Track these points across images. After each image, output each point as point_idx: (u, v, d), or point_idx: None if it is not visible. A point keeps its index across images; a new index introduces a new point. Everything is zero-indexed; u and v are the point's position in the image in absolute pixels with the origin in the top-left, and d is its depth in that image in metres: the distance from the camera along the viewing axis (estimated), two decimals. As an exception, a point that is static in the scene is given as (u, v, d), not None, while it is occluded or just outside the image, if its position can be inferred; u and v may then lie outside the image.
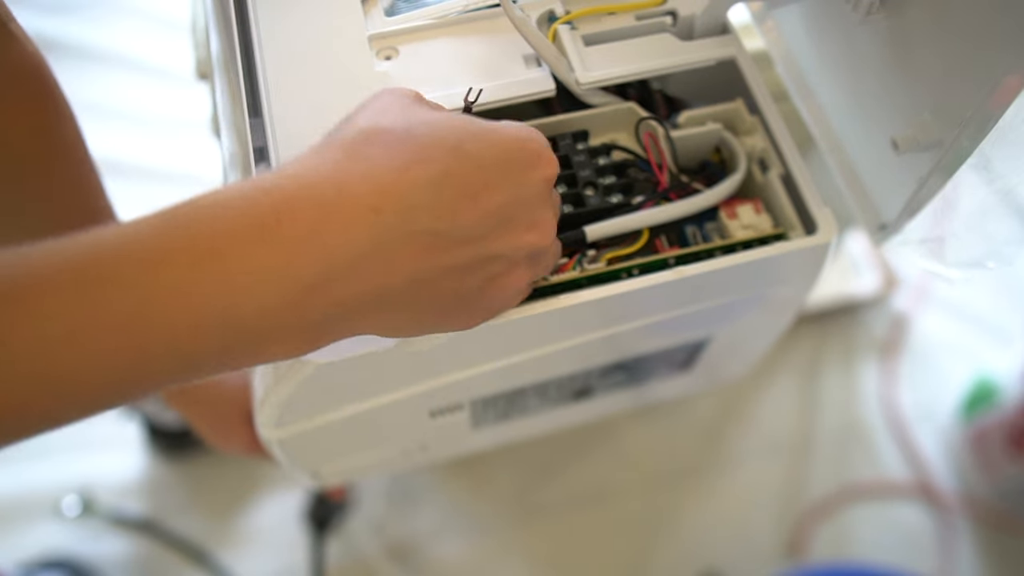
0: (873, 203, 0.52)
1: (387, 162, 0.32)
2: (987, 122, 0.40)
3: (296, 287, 0.30)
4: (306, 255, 0.30)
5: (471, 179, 0.33)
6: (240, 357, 0.31)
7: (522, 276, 0.37)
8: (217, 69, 0.55)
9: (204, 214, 0.29)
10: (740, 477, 1.02)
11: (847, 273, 1.10)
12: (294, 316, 0.31)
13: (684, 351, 0.59)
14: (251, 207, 0.30)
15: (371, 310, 0.33)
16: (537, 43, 0.46)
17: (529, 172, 0.36)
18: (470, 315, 0.37)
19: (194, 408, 0.66)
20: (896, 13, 0.45)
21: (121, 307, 0.27)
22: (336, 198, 0.31)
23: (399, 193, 0.32)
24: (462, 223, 0.33)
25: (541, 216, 0.36)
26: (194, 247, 0.28)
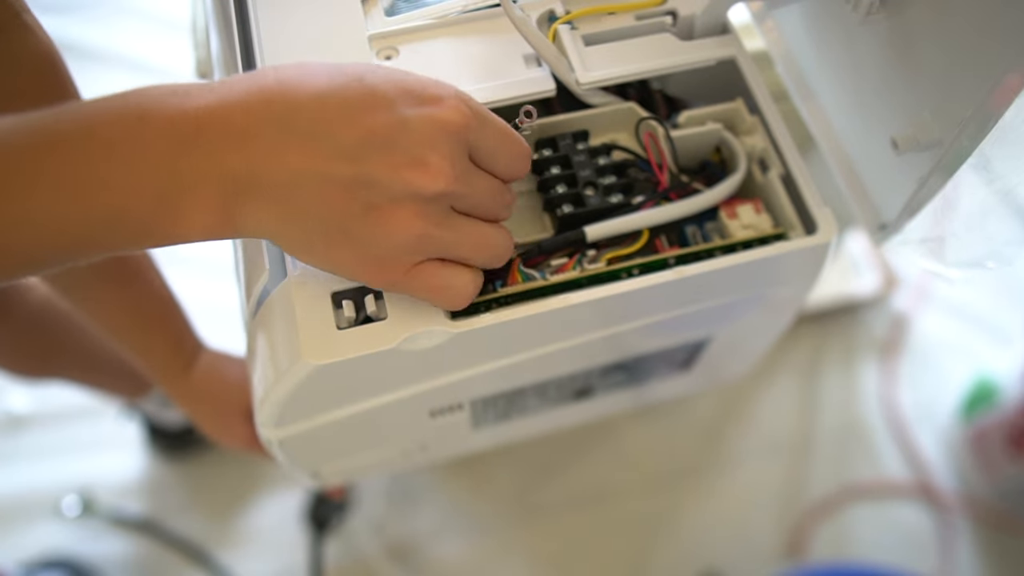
0: (873, 203, 0.52)
1: (297, 73, 0.36)
2: (987, 122, 0.40)
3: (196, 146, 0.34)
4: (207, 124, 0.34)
5: (359, 100, 0.36)
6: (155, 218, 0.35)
7: (409, 219, 0.37)
8: (217, 69, 0.55)
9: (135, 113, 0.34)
10: (740, 477, 1.02)
11: (847, 273, 1.10)
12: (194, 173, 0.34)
13: (684, 351, 0.59)
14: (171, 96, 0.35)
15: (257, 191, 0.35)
16: (537, 43, 0.46)
17: (421, 107, 0.36)
18: (354, 247, 0.37)
19: (195, 403, 0.67)
20: (896, 13, 0.45)
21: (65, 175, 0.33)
22: (244, 88, 0.35)
23: (292, 93, 0.35)
24: (339, 136, 0.35)
25: (430, 157, 0.36)
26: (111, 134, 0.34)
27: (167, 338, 0.64)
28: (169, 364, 0.65)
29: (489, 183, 0.40)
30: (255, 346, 0.46)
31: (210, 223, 0.36)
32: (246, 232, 0.37)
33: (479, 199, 0.39)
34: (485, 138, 0.38)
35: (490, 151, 0.39)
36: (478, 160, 0.39)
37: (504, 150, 0.40)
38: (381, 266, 0.38)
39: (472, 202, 0.39)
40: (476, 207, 0.40)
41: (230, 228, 0.36)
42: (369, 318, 0.42)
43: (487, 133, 0.39)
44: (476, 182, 0.39)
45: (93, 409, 1.01)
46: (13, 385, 1.02)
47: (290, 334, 0.42)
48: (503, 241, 0.41)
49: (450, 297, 0.40)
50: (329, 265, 0.38)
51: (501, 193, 0.40)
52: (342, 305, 0.42)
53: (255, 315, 0.45)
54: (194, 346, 0.66)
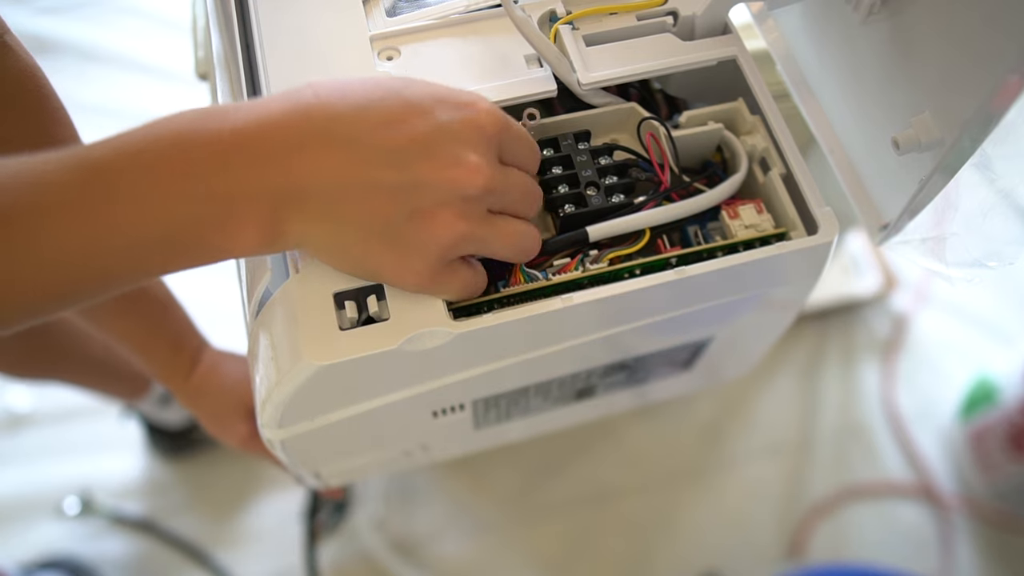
0: (874, 203, 0.52)
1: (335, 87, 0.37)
2: (989, 122, 0.40)
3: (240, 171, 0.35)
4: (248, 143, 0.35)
5: (398, 110, 0.37)
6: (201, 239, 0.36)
7: (453, 220, 0.38)
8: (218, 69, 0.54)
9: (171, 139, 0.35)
10: (740, 477, 1.02)
11: (847, 273, 1.10)
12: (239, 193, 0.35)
13: (686, 350, 0.59)
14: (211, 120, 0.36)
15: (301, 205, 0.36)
16: (539, 43, 0.46)
17: (456, 111, 0.38)
18: (399, 252, 0.38)
19: (196, 402, 0.67)
20: (897, 13, 0.45)
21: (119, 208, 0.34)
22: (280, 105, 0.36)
23: (331, 106, 0.36)
24: (381, 143, 0.36)
25: (470, 157, 0.38)
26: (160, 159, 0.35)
27: (168, 338, 0.65)
28: (171, 363, 0.65)
29: (522, 179, 0.42)
30: (257, 347, 0.45)
31: (257, 239, 0.36)
32: (289, 245, 0.38)
33: (513, 196, 0.41)
34: (510, 140, 0.41)
35: (513, 151, 0.41)
36: (504, 160, 0.41)
37: (523, 150, 0.42)
38: (420, 268, 0.39)
39: (507, 199, 0.41)
40: (510, 204, 0.41)
41: (276, 242, 0.37)
42: (371, 319, 0.42)
43: (511, 136, 0.41)
44: (510, 179, 0.41)
45: (93, 409, 1.01)
46: (13, 385, 1.02)
47: (292, 335, 0.42)
48: (532, 235, 0.43)
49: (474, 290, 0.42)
50: (366, 271, 0.40)
51: (532, 190, 0.42)
52: (344, 306, 0.42)
53: (257, 316, 0.45)
54: (196, 345, 0.66)
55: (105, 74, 1.24)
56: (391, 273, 0.39)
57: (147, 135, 0.35)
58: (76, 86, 1.21)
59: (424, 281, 0.40)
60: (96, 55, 1.25)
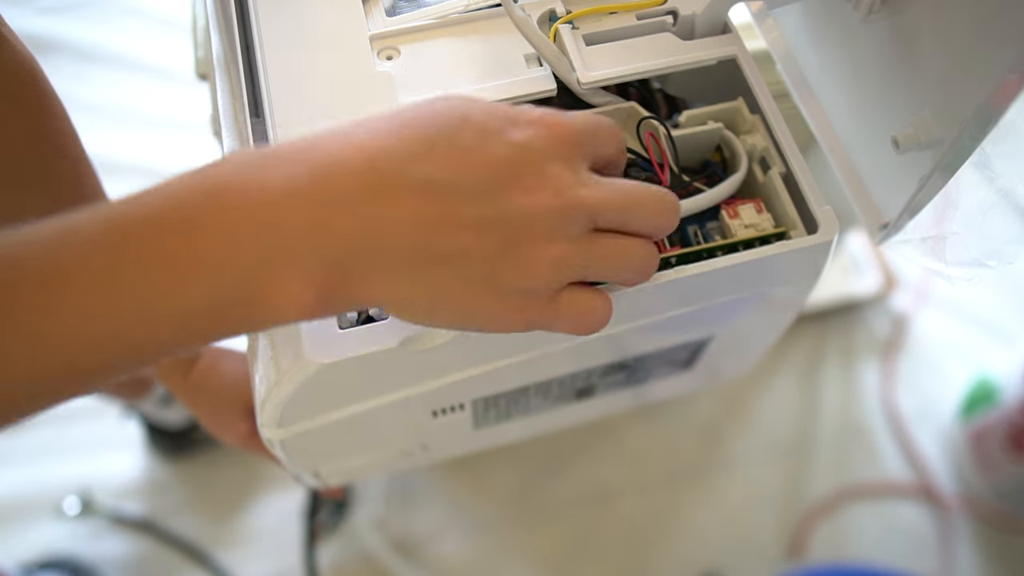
0: (874, 202, 0.52)
1: (391, 122, 0.33)
2: (988, 121, 0.40)
3: (295, 227, 0.31)
4: (299, 200, 0.31)
5: (467, 137, 0.33)
6: (250, 313, 0.32)
7: (548, 244, 0.34)
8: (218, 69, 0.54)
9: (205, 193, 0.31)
10: (740, 477, 1.02)
11: (847, 273, 1.10)
12: (289, 257, 0.31)
13: (686, 350, 0.59)
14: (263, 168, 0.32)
15: (374, 260, 0.32)
16: (538, 43, 0.46)
17: (530, 127, 0.35)
18: (496, 293, 0.34)
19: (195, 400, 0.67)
20: (897, 12, 0.45)
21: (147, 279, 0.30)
22: (336, 148, 0.32)
23: (392, 145, 0.32)
24: (460, 177, 0.32)
25: (555, 172, 0.34)
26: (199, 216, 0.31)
27: None
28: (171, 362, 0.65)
29: (622, 188, 0.36)
30: (256, 346, 0.45)
31: (312, 306, 0.32)
32: (355, 306, 0.34)
33: (615, 212, 0.36)
34: (595, 141, 0.36)
35: (602, 151, 0.37)
36: (598, 167, 0.37)
37: (609, 147, 0.38)
38: (525, 304, 0.35)
39: (610, 214, 0.36)
40: (618, 219, 0.36)
41: (338, 304, 0.33)
42: (371, 318, 0.42)
43: (596, 137, 0.37)
44: (606, 189, 0.36)
45: (93, 409, 1.01)
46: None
47: (292, 334, 0.42)
48: (647, 253, 0.38)
49: (595, 321, 0.37)
50: (465, 320, 0.35)
51: (634, 195, 0.37)
52: (344, 304, 0.42)
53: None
54: None
55: (105, 74, 1.24)
56: (496, 317, 0.35)
57: (182, 189, 0.31)
58: (76, 86, 1.21)
59: (533, 316, 0.36)
60: (96, 55, 1.25)
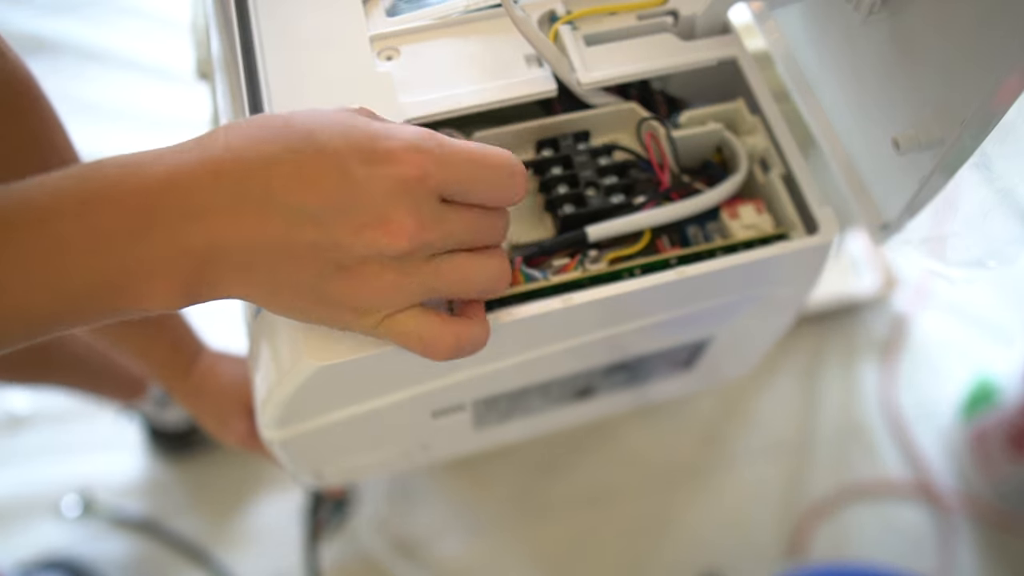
0: (874, 202, 0.52)
1: (247, 135, 0.35)
2: (989, 121, 0.40)
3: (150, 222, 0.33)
4: (161, 199, 0.33)
5: (310, 165, 0.34)
6: (116, 301, 0.34)
7: (378, 274, 0.36)
8: (218, 69, 0.55)
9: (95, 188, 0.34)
10: (740, 477, 1.02)
11: (847, 273, 1.10)
12: (153, 251, 0.34)
13: (686, 350, 0.59)
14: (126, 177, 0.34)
15: (223, 263, 0.35)
16: (538, 43, 0.46)
17: (374, 167, 0.35)
18: (327, 303, 0.37)
19: (195, 402, 0.67)
20: (897, 13, 0.45)
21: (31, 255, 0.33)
22: (191, 156, 0.34)
23: (241, 160, 0.34)
24: (294, 202, 0.34)
25: (392, 215, 0.35)
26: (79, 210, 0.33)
27: (167, 340, 0.65)
28: (169, 365, 0.65)
29: (466, 219, 0.37)
30: (257, 347, 0.45)
31: (174, 297, 0.35)
32: (214, 298, 0.36)
33: (460, 237, 0.37)
34: (454, 176, 0.36)
35: (464, 186, 0.37)
36: (454, 198, 0.37)
37: (482, 179, 0.37)
38: (357, 317, 0.37)
39: (453, 241, 0.37)
40: (460, 244, 0.38)
41: (195, 298, 0.36)
42: (371, 318, 0.42)
43: (454, 171, 0.36)
44: (449, 224, 0.37)
45: (93, 410, 1.01)
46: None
47: (293, 335, 0.42)
48: (493, 270, 0.39)
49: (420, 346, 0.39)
50: (306, 320, 0.38)
51: (483, 224, 0.38)
52: (344, 305, 0.42)
53: (257, 316, 0.45)
54: (194, 346, 0.67)
55: (105, 74, 1.24)
56: (332, 323, 0.38)
57: (57, 190, 0.33)
58: (76, 86, 1.21)
59: (367, 327, 0.38)
60: (96, 55, 1.25)
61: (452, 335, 0.39)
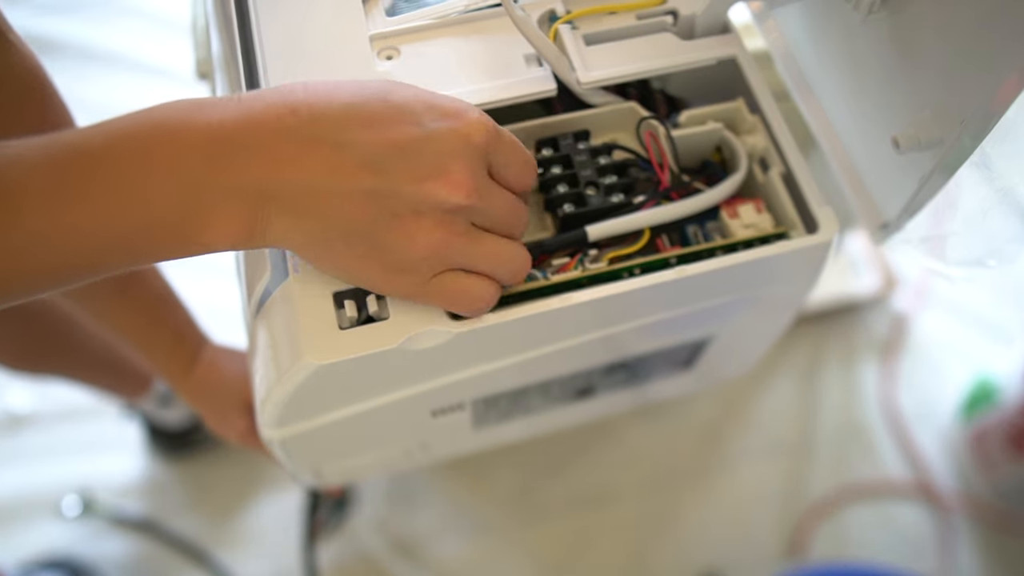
0: (874, 202, 0.52)
1: (325, 87, 0.37)
2: (988, 121, 0.40)
3: (218, 158, 0.35)
4: (231, 136, 0.35)
5: (385, 114, 0.37)
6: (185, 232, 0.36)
7: (431, 228, 0.37)
8: (218, 69, 0.55)
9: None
10: (740, 477, 1.02)
11: (847, 273, 1.10)
12: (218, 186, 0.35)
13: (686, 350, 0.59)
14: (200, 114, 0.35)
15: (281, 202, 0.36)
16: (538, 43, 0.46)
17: (445, 122, 0.37)
18: (378, 258, 0.38)
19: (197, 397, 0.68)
20: (897, 12, 0.45)
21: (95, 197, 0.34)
22: (269, 99, 0.36)
23: (317, 104, 0.36)
24: (364, 146, 0.36)
25: (453, 168, 0.37)
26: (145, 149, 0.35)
27: (169, 332, 0.65)
28: (172, 357, 0.65)
29: (507, 198, 0.41)
30: (257, 346, 0.45)
31: (236, 235, 0.36)
32: (269, 242, 0.37)
33: (498, 214, 0.40)
34: (500, 149, 0.39)
35: (504, 163, 0.40)
36: (493, 174, 0.40)
37: (515, 161, 0.41)
38: (402, 274, 0.39)
39: (491, 216, 0.40)
40: (495, 222, 0.40)
41: (256, 238, 0.37)
42: (371, 318, 0.42)
43: (502, 145, 0.40)
44: (495, 197, 0.40)
45: (93, 409, 1.01)
46: (13, 385, 1.02)
47: (292, 334, 0.42)
48: (522, 257, 0.42)
49: (468, 302, 0.41)
50: (349, 274, 0.39)
51: (518, 209, 0.41)
52: (344, 305, 0.42)
53: (257, 314, 0.45)
54: (197, 341, 0.67)
55: (105, 74, 1.24)
56: (375, 278, 0.39)
57: (134, 123, 0.35)
58: (77, 86, 1.21)
59: (410, 288, 0.39)
60: (96, 55, 1.25)
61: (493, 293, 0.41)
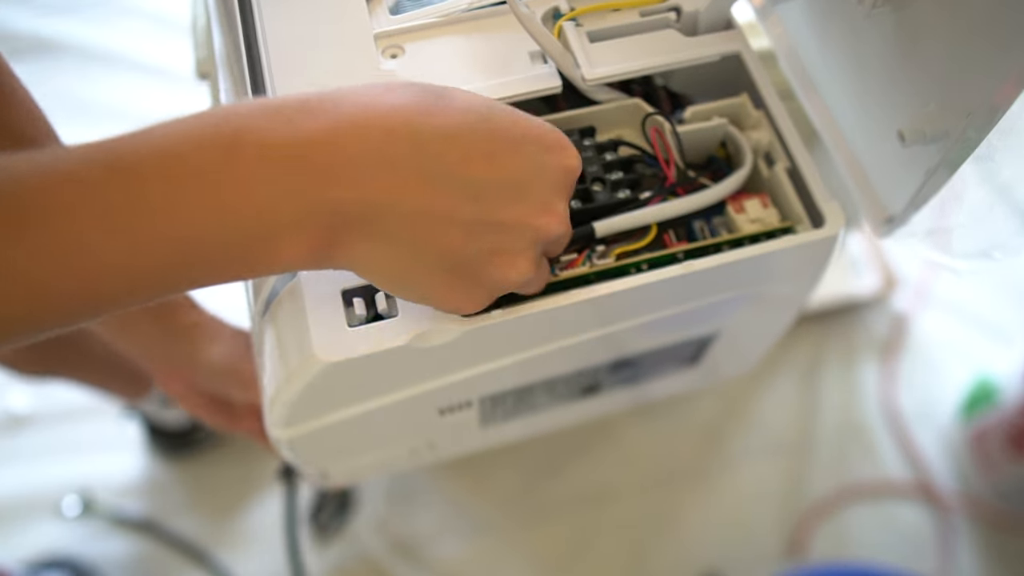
0: (879, 196, 0.52)
1: (416, 101, 0.34)
2: (993, 114, 0.40)
3: (302, 175, 0.31)
4: (316, 153, 0.31)
5: (488, 142, 0.34)
6: (249, 256, 0.32)
7: (525, 264, 0.37)
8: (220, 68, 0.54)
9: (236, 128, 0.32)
10: (740, 477, 1.02)
11: (847, 273, 1.10)
12: (298, 206, 0.32)
13: (691, 347, 0.59)
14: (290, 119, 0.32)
15: (368, 226, 0.33)
16: (543, 40, 0.46)
17: (550, 155, 0.36)
18: (464, 286, 0.37)
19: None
20: (902, 6, 0.45)
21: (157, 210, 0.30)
22: (358, 112, 0.32)
23: (416, 126, 0.33)
24: (471, 177, 0.34)
25: (557, 203, 0.36)
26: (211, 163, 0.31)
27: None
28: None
29: (568, 224, 0.40)
30: (264, 345, 0.45)
31: (304, 257, 0.33)
32: (338, 265, 0.35)
33: (563, 240, 0.40)
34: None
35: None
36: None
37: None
38: (481, 301, 0.38)
39: (558, 246, 0.40)
40: (555, 249, 0.41)
41: (323, 261, 0.34)
42: (380, 315, 0.42)
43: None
44: (567, 222, 0.39)
45: (93, 409, 1.01)
46: (13, 385, 1.02)
47: (301, 332, 0.42)
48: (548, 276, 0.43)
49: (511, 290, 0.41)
50: (418, 296, 0.38)
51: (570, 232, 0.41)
52: (353, 303, 0.42)
53: (264, 314, 0.45)
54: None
55: (105, 74, 1.24)
56: (450, 303, 0.38)
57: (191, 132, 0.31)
58: (77, 86, 1.21)
59: (473, 308, 0.39)
60: (97, 55, 1.25)
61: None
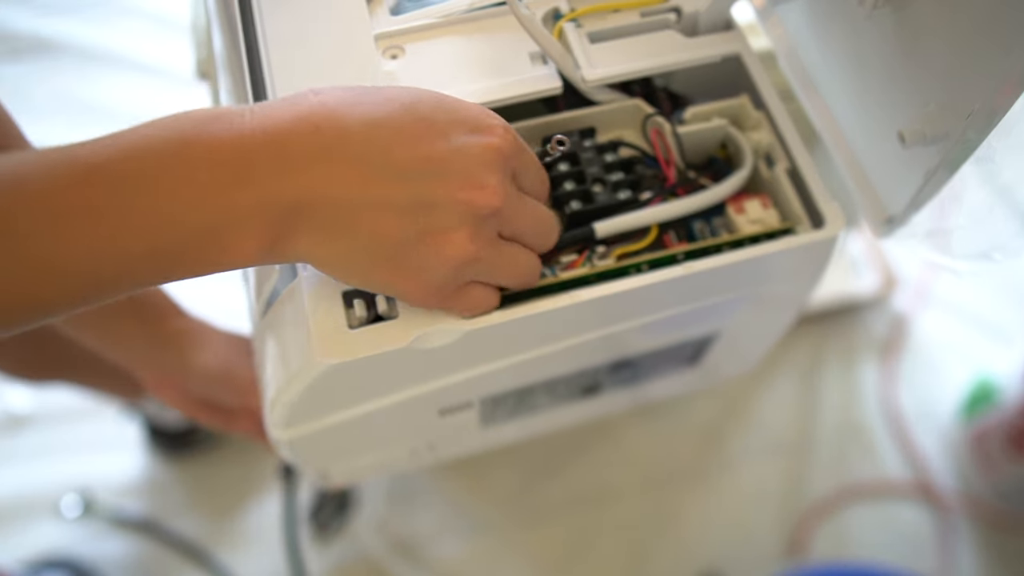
0: (879, 196, 0.52)
1: (341, 96, 0.36)
2: (994, 115, 0.40)
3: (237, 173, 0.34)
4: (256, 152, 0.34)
5: (412, 128, 0.36)
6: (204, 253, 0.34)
7: (461, 240, 0.37)
8: (220, 68, 0.54)
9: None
10: (740, 477, 1.02)
11: (847, 273, 1.10)
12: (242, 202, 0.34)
13: (691, 347, 0.59)
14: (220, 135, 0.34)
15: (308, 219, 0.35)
16: (543, 40, 0.46)
17: (474, 135, 0.38)
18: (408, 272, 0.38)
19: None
20: (902, 7, 0.45)
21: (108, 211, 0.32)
22: (287, 112, 0.35)
23: (340, 117, 0.35)
24: (393, 161, 0.35)
25: (486, 177, 0.37)
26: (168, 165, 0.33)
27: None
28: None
29: (537, 208, 0.42)
30: (265, 347, 0.45)
31: (256, 253, 0.35)
32: (291, 258, 0.37)
33: (525, 223, 0.41)
34: (522, 161, 0.40)
35: (527, 178, 0.41)
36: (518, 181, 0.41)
37: (536, 178, 0.42)
38: (430, 288, 0.39)
39: (519, 225, 0.40)
40: (521, 232, 0.41)
41: (276, 255, 0.36)
42: (380, 317, 0.42)
43: (524, 157, 0.40)
44: (526, 206, 0.40)
45: (93, 409, 1.01)
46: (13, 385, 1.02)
47: (301, 334, 0.42)
48: (535, 267, 0.43)
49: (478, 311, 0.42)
50: (376, 287, 0.39)
51: (547, 219, 0.42)
52: (353, 304, 0.42)
53: (265, 315, 0.45)
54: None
55: (105, 74, 1.24)
56: (399, 291, 0.39)
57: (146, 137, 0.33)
58: (77, 86, 1.21)
59: (433, 301, 0.40)
60: (96, 55, 1.25)
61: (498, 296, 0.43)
